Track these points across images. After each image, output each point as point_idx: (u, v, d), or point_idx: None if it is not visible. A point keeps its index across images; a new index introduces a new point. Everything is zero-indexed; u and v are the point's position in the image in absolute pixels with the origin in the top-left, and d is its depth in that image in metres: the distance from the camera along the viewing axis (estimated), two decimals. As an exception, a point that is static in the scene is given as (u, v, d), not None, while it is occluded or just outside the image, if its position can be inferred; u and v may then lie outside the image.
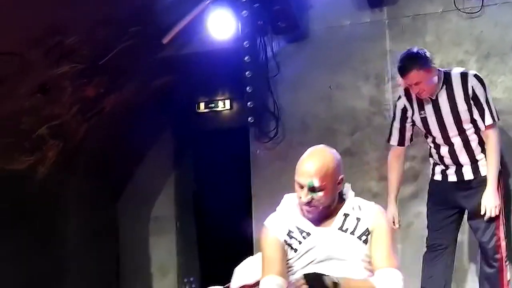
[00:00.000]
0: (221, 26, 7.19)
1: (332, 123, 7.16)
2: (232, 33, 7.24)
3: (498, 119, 5.63)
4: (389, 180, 6.05)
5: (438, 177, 5.90)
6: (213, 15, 7.17)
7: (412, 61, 5.50)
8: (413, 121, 5.85)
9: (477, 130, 5.61)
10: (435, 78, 5.56)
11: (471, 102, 5.53)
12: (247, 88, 7.17)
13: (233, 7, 7.15)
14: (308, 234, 3.79)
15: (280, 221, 3.88)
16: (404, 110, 5.85)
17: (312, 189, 3.72)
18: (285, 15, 7.09)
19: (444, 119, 5.65)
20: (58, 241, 7.65)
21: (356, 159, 6.99)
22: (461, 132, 5.63)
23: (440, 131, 5.70)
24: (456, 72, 5.66)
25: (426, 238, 5.98)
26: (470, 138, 5.62)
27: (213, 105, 8.97)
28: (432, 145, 5.87)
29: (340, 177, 3.81)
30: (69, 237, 7.86)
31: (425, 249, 5.97)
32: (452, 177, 5.78)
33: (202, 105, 9.02)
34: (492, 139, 5.54)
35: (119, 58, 7.12)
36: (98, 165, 8.08)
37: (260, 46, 7.36)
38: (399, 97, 5.94)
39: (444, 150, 5.75)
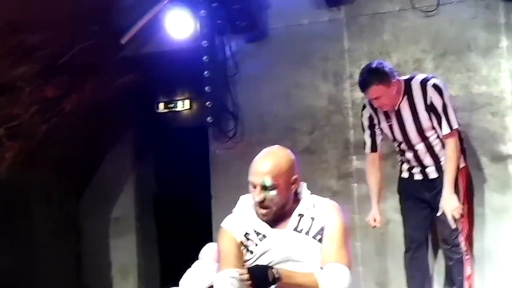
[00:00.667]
0: (180, 26, 7.18)
1: (291, 122, 7.18)
2: (191, 33, 7.22)
3: (459, 125, 5.70)
4: (369, 186, 6.17)
5: (405, 174, 6.03)
6: (171, 14, 7.16)
7: (372, 76, 5.57)
8: (380, 128, 5.95)
9: (439, 136, 5.70)
10: (396, 90, 5.64)
11: (430, 111, 5.61)
12: (206, 88, 7.16)
13: (192, 6, 7.14)
14: (264, 236, 3.77)
15: (237, 223, 3.86)
16: (371, 119, 5.96)
17: (265, 188, 3.70)
18: (243, 14, 7.09)
19: (407, 128, 5.76)
20: (20, 241, 7.61)
21: (316, 157, 7.03)
22: (424, 139, 5.75)
23: (404, 139, 5.82)
24: (416, 81, 5.73)
25: (405, 237, 6.06)
26: (433, 143, 5.74)
27: (172, 105, 8.97)
28: (398, 148, 5.99)
29: (294, 177, 3.79)
30: (31, 237, 7.82)
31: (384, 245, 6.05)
32: (417, 176, 5.93)
33: (161, 105, 9.01)
34: (450, 146, 5.65)
35: (79, 58, 7.09)
36: (59, 165, 8.04)
37: (219, 46, 7.36)
38: (364, 107, 6.02)
39: (409, 154, 5.88)
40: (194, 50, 7.21)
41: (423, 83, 5.68)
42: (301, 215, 3.81)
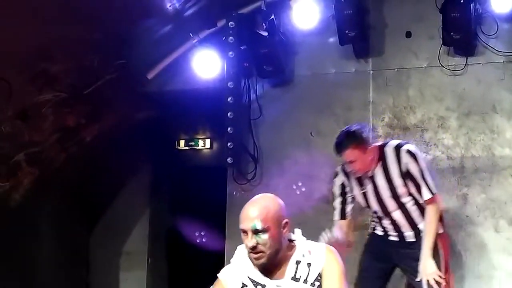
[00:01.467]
0: (207, 65, 7.22)
1: (311, 169, 7.15)
2: (217, 73, 7.27)
3: (436, 193, 5.50)
4: None
5: (379, 232, 5.85)
6: (199, 54, 7.20)
7: (348, 140, 5.46)
8: (352, 196, 5.79)
9: (416, 201, 5.60)
10: (371, 156, 5.52)
11: (406, 178, 5.52)
12: (228, 128, 7.17)
13: (220, 47, 7.19)
14: (263, 286, 3.72)
15: (234, 273, 3.79)
16: (342, 186, 5.78)
17: (255, 232, 3.63)
18: (271, 59, 7.13)
19: (382, 195, 5.61)
20: (29, 267, 7.59)
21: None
22: (400, 205, 5.61)
23: (380, 206, 5.67)
24: (390, 147, 5.59)
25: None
26: (410, 210, 5.59)
27: (193, 143, 8.98)
28: (373, 215, 5.86)
29: (284, 221, 3.71)
30: (40, 264, 7.80)
31: None
32: (393, 238, 5.75)
33: (182, 142, 9.02)
34: (431, 211, 5.51)
35: (103, 89, 7.13)
36: (74, 195, 8.04)
37: (244, 88, 7.39)
38: (336, 174, 5.83)
39: (386, 222, 5.72)
40: (219, 91, 7.24)
41: (397, 149, 5.54)
42: (298, 262, 3.75)
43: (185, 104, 8.01)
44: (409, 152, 5.49)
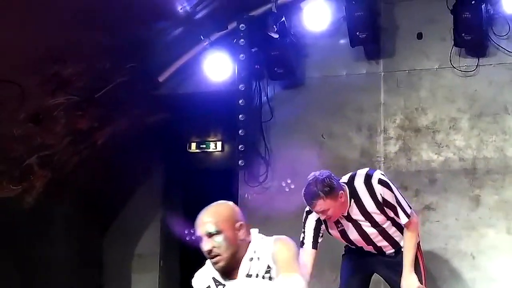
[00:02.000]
0: (218, 68, 7.24)
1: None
2: (228, 76, 7.28)
3: (411, 212, 5.42)
4: None
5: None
6: (210, 56, 7.22)
7: (318, 191, 5.24)
8: (329, 233, 5.64)
9: (395, 222, 5.50)
10: (343, 200, 5.33)
11: (384, 207, 5.41)
12: (240, 131, 7.19)
13: (231, 50, 7.20)
14: (224, 286, 3.81)
15: (201, 276, 3.94)
16: (319, 223, 5.56)
17: (209, 235, 3.73)
18: (282, 61, 7.14)
19: (363, 228, 5.50)
20: (42, 269, 7.61)
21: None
22: (381, 231, 5.54)
23: (362, 237, 5.56)
24: (359, 181, 5.43)
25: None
26: (389, 231, 5.54)
27: (204, 146, 8.98)
28: (354, 246, 5.73)
29: (239, 223, 3.79)
30: (53, 266, 7.82)
31: None
32: (372, 251, 5.69)
33: (193, 145, 9.02)
34: (410, 229, 5.46)
35: (115, 92, 7.15)
36: (87, 198, 8.06)
37: (255, 90, 7.40)
38: (310, 212, 5.55)
39: (369, 247, 5.64)
40: (230, 93, 7.25)
41: (367, 181, 5.40)
42: (251, 259, 3.80)
43: (197, 107, 8.03)
44: (380, 181, 5.36)
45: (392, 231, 5.54)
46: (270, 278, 3.76)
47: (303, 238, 5.61)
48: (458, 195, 6.66)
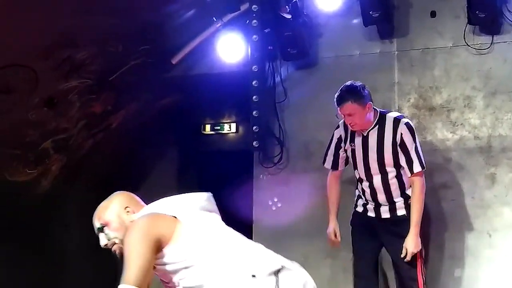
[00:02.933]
0: (231, 50, 7.23)
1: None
2: (242, 57, 7.27)
3: (426, 167, 5.78)
4: (329, 199, 6.28)
5: (359, 209, 6.11)
6: (223, 38, 7.21)
7: (349, 94, 5.74)
8: (345, 150, 6.07)
9: (398, 175, 5.81)
10: (369, 115, 5.78)
11: (398, 148, 5.73)
12: (254, 112, 7.19)
13: (244, 31, 7.18)
14: None
15: None
16: (340, 139, 6.10)
17: (100, 230, 3.83)
18: (295, 41, 7.11)
19: (369, 156, 5.86)
20: (57, 253, 7.65)
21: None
22: (382, 172, 5.84)
23: (364, 166, 5.91)
24: (390, 115, 5.87)
25: (353, 273, 6.21)
26: (390, 181, 5.84)
27: (218, 127, 8.97)
28: (357, 176, 6.06)
29: (125, 209, 3.84)
30: (68, 250, 7.86)
31: None
32: (371, 213, 6.00)
33: (208, 126, 9.02)
34: (417, 186, 5.72)
35: (128, 75, 7.15)
36: (102, 181, 8.07)
37: (269, 71, 7.39)
38: (338, 126, 6.15)
39: (365, 184, 5.96)
40: (244, 74, 7.25)
41: (397, 119, 5.80)
42: None
43: (210, 89, 8.02)
44: (407, 125, 5.76)
45: (392, 182, 5.82)
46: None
47: (325, 154, 6.22)
48: (474, 174, 6.64)
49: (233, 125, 8.95)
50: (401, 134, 5.69)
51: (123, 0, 6.27)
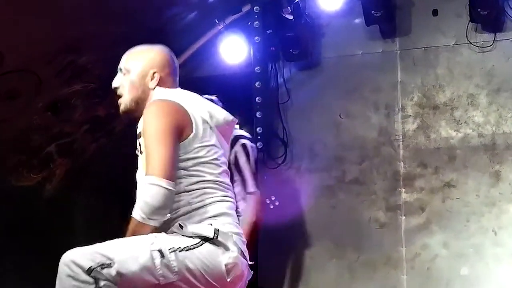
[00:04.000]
0: (233, 51, 7.23)
1: (341, 151, 7.14)
2: (244, 58, 7.28)
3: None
4: None
5: None
6: (225, 40, 7.21)
7: None
8: None
9: None
10: None
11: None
12: (257, 113, 7.20)
13: (246, 32, 7.19)
14: None
15: None
16: None
17: (120, 71, 3.85)
18: (297, 42, 7.12)
19: None
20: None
21: (364, 188, 6.97)
22: None
23: None
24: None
25: None
26: None
27: (222, 129, 8.98)
28: None
29: (153, 71, 3.72)
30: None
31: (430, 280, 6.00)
32: None
33: (211, 129, 9.01)
34: None
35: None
36: (107, 185, 8.09)
37: (272, 72, 7.39)
38: None
39: None
40: (246, 76, 7.25)
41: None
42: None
43: (213, 91, 8.01)
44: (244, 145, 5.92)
45: None
46: (141, 152, 3.52)
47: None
48: (478, 171, 6.64)
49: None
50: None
51: (126, 4, 6.26)
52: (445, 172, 6.72)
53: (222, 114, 3.63)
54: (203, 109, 3.58)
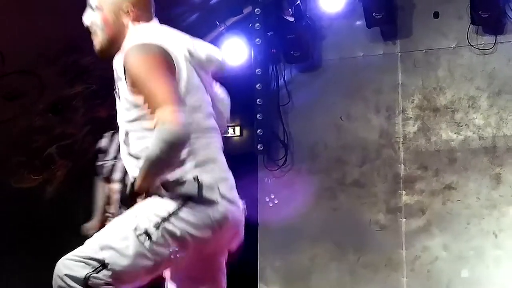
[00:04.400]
0: (234, 53, 7.23)
1: (341, 153, 7.15)
2: (245, 60, 7.28)
3: None
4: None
5: None
6: (226, 41, 7.21)
7: None
8: None
9: None
10: None
11: None
12: (258, 115, 7.20)
13: (247, 34, 7.20)
14: None
15: None
16: None
17: (91, 7, 3.54)
18: (298, 44, 7.13)
19: None
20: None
21: (364, 190, 6.98)
22: None
23: None
24: None
25: None
26: None
27: (223, 131, 8.97)
28: None
29: (128, 6, 3.47)
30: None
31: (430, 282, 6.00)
32: None
33: (212, 130, 9.01)
34: None
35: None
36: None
37: (272, 74, 7.39)
38: None
39: None
40: (247, 78, 7.25)
41: None
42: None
43: (214, 92, 8.03)
44: None
45: None
46: (119, 97, 3.40)
47: None
48: (479, 174, 6.65)
49: (237, 129, 8.93)
50: None
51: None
52: (445, 175, 6.73)
53: (204, 52, 3.45)
54: (184, 47, 3.37)
